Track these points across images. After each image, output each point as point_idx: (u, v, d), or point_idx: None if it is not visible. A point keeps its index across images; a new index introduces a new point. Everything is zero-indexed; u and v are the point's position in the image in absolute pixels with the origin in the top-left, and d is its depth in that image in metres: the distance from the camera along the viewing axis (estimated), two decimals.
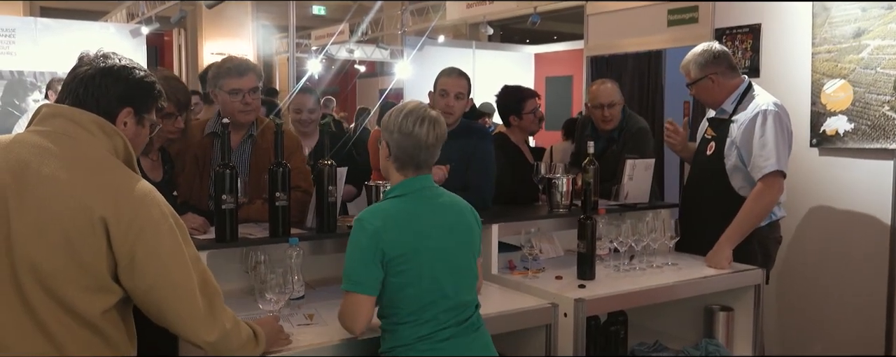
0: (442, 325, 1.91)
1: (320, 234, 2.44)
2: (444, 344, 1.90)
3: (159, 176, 2.61)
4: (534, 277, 2.68)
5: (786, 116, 2.90)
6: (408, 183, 1.97)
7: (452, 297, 1.93)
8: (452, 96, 3.06)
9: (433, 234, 1.93)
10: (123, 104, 1.64)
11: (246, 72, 2.70)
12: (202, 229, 2.42)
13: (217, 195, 2.25)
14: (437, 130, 1.97)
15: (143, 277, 1.53)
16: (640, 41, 5.13)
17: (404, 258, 1.88)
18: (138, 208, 1.52)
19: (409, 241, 1.89)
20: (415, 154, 1.95)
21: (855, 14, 3.28)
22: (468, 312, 1.98)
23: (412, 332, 1.89)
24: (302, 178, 2.68)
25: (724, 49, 3.04)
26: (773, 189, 2.89)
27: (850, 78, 3.29)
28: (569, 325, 2.36)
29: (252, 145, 2.77)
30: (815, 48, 3.43)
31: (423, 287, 1.90)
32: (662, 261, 2.92)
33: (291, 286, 2.07)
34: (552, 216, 3.04)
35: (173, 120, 2.51)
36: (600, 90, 3.60)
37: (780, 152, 2.86)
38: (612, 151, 3.59)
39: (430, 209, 1.97)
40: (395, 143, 1.96)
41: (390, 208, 1.94)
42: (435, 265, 1.91)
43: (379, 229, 1.87)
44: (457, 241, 1.99)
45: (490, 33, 10.00)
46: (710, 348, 2.78)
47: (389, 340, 1.93)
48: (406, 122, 1.94)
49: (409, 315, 1.89)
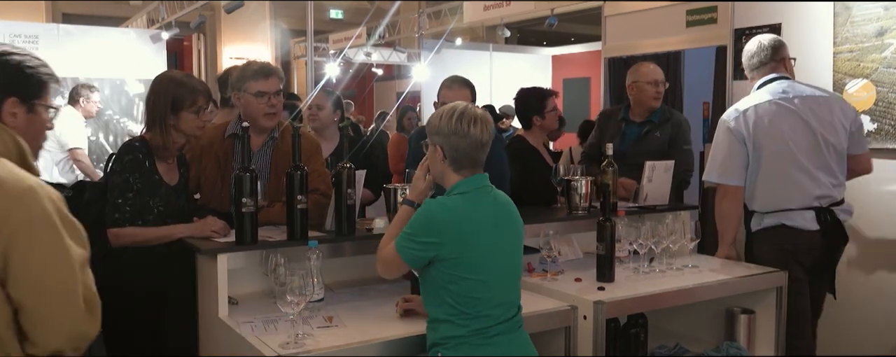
0: (492, 320, 1.96)
1: (339, 236, 2.45)
2: (494, 340, 1.96)
3: (176, 179, 2.64)
4: (553, 280, 2.67)
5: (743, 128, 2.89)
6: (469, 181, 2.03)
7: (501, 294, 2.00)
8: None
9: (488, 231, 1.99)
10: (6, 94, 1.55)
11: (270, 74, 2.74)
12: (223, 232, 2.45)
13: (237, 198, 2.27)
14: (488, 128, 2.04)
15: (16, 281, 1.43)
16: (658, 42, 5.10)
17: (459, 253, 1.93)
18: (12, 207, 1.42)
19: (465, 237, 1.95)
20: (472, 154, 2.01)
21: (877, 13, 3.24)
22: (514, 310, 2.04)
23: (467, 325, 1.94)
24: (321, 181, 2.70)
25: (746, 48, 3.03)
26: (722, 197, 2.97)
27: (872, 77, 3.25)
28: (588, 327, 2.35)
29: (273, 148, 2.79)
30: (836, 48, 3.39)
31: (477, 281, 1.95)
32: (682, 263, 2.90)
33: (311, 288, 2.07)
34: (571, 218, 3.03)
35: (203, 113, 2.56)
36: (651, 68, 3.72)
37: (720, 164, 2.93)
38: (656, 137, 3.65)
39: (486, 207, 2.03)
40: (451, 146, 2.01)
41: (455, 204, 1.99)
42: (488, 261, 1.98)
43: (441, 221, 1.94)
44: (508, 239, 2.06)
45: (507, 35, 9.96)
46: (732, 351, 2.75)
47: (443, 331, 1.97)
48: (460, 124, 1.99)
49: (464, 306, 1.94)
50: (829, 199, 2.84)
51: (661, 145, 3.64)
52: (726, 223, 3.01)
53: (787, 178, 2.86)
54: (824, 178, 2.84)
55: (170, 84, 2.56)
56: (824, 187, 2.83)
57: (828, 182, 2.84)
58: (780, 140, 2.86)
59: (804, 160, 2.84)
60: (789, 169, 2.86)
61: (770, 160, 2.88)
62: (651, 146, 3.62)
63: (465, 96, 3.11)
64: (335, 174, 2.42)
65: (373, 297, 2.49)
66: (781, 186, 2.87)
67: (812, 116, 2.85)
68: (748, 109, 2.92)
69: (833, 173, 2.86)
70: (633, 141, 3.68)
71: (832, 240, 2.83)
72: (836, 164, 2.86)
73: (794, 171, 2.85)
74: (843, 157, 2.88)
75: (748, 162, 2.91)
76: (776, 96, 2.90)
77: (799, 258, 2.84)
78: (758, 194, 2.93)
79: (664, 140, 3.65)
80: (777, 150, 2.87)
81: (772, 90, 2.92)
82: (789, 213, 2.86)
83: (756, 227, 2.97)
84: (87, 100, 5.83)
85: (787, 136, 2.86)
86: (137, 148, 2.54)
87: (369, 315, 2.25)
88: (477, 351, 1.95)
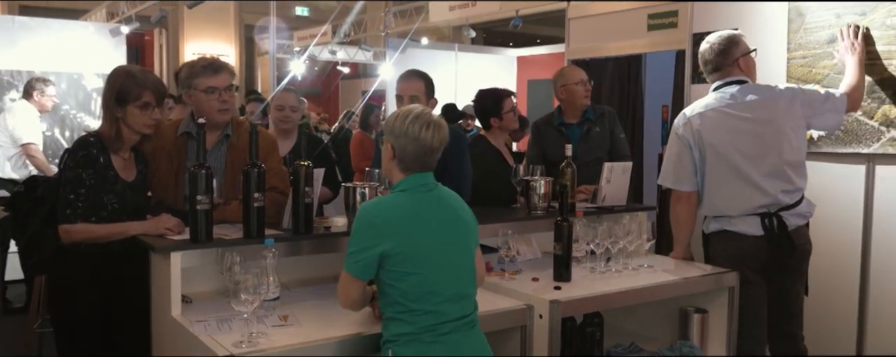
0: (444, 317, 1.98)
1: (296, 235, 2.43)
2: (447, 338, 1.98)
3: (133, 175, 2.60)
4: (510, 279, 2.69)
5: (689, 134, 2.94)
6: (411, 179, 2.06)
7: (452, 286, 2.02)
8: (407, 99, 3.08)
9: (432, 227, 2.01)
10: None
11: (220, 70, 2.69)
12: (177, 230, 2.41)
13: (191, 196, 2.25)
14: (440, 134, 2.07)
15: None
16: (620, 45, 5.17)
17: (403, 249, 1.96)
18: None
19: (408, 234, 1.97)
20: (420, 157, 2.05)
21: (829, 20, 3.32)
22: (469, 309, 2.07)
23: (417, 322, 1.96)
24: (278, 179, 2.68)
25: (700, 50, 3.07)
26: (676, 202, 3.03)
27: (823, 83, 3.33)
28: (544, 326, 2.37)
29: (228, 146, 2.76)
30: (790, 54, 3.47)
31: (424, 276, 1.97)
32: (638, 263, 2.94)
33: (266, 287, 2.06)
34: (530, 218, 3.05)
35: (151, 111, 2.51)
36: (575, 69, 3.90)
37: (672, 169, 2.99)
38: (598, 133, 3.77)
39: (428, 203, 2.05)
40: (401, 147, 2.04)
41: (392, 202, 2.02)
42: (435, 256, 2.00)
43: (377, 221, 1.97)
44: (454, 235, 2.07)
45: (472, 36, 10.00)
46: (685, 350, 2.81)
47: (394, 328, 1.98)
48: (413, 127, 2.03)
49: (413, 303, 1.96)
50: (777, 206, 2.84)
51: (604, 139, 3.76)
52: (679, 226, 3.06)
53: (729, 186, 2.87)
54: (771, 186, 2.82)
55: (119, 76, 2.53)
56: (770, 195, 2.83)
57: (776, 189, 2.82)
58: (721, 148, 2.87)
59: (747, 168, 2.84)
60: (730, 177, 2.87)
61: (712, 168, 2.90)
62: (596, 142, 3.74)
63: (419, 88, 3.13)
64: (293, 172, 2.41)
65: (330, 296, 2.47)
66: (723, 194, 2.89)
67: (759, 123, 2.84)
68: (694, 116, 2.95)
69: (785, 178, 2.83)
70: (579, 142, 3.73)
71: (777, 244, 2.85)
72: (787, 169, 2.84)
73: (735, 179, 2.86)
74: (794, 160, 2.86)
75: (696, 167, 2.96)
76: (722, 103, 2.90)
77: (746, 262, 2.87)
78: (705, 200, 2.97)
79: (605, 134, 3.77)
80: (719, 157, 2.88)
81: (720, 96, 2.93)
82: (732, 219, 2.89)
83: (707, 231, 3.03)
84: (42, 94, 5.69)
85: (729, 144, 2.86)
86: (92, 143, 2.50)
87: (326, 313, 2.24)
88: (428, 348, 1.96)
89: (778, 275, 2.89)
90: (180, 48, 11.72)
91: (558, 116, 3.86)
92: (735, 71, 2.96)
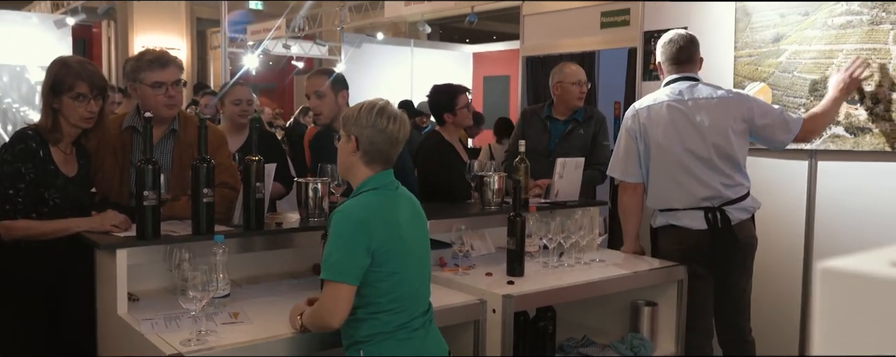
0: (413, 314, 1.99)
1: (247, 231, 2.40)
2: (415, 334, 1.99)
3: (74, 171, 2.52)
4: (464, 274, 2.69)
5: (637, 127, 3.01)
6: (379, 177, 2.03)
7: (420, 288, 2.05)
8: (314, 96, 3.12)
9: (404, 226, 2.00)
10: None
11: (167, 64, 2.63)
12: (124, 226, 2.36)
13: (138, 191, 2.19)
14: (404, 128, 2.05)
15: None
16: (574, 42, 5.21)
17: (388, 248, 1.93)
18: None
19: (391, 232, 1.95)
20: (385, 149, 2.01)
21: (774, 20, 3.40)
22: (427, 305, 2.09)
23: (391, 320, 1.95)
24: (228, 175, 2.63)
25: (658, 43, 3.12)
26: (622, 193, 3.11)
27: (769, 81, 3.42)
28: (497, 320, 2.39)
29: (175, 140, 2.70)
30: (737, 52, 3.55)
31: (402, 277, 1.97)
32: (590, 257, 2.98)
33: (215, 284, 2.02)
34: (484, 213, 3.06)
35: (87, 103, 2.43)
36: (575, 68, 3.86)
37: (620, 161, 3.06)
38: (580, 134, 3.80)
39: (397, 202, 2.04)
40: (367, 139, 2.00)
41: (370, 201, 1.98)
42: (408, 256, 1.99)
43: (365, 219, 1.92)
44: (421, 233, 2.10)
45: (428, 32, 9.99)
46: (635, 342, 2.85)
47: (367, 328, 1.95)
48: (380, 119, 2.00)
49: (389, 303, 1.95)
50: (720, 199, 2.90)
51: (585, 142, 3.78)
52: (627, 218, 3.12)
53: (673, 179, 2.93)
54: (713, 180, 2.88)
55: (55, 66, 2.46)
56: (712, 188, 2.88)
57: (717, 183, 2.89)
58: (667, 141, 2.93)
59: (690, 162, 2.90)
60: (674, 170, 2.93)
61: (658, 160, 2.96)
62: (576, 143, 3.76)
63: (323, 83, 3.15)
64: (244, 167, 2.37)
65: (281, 293, 2.45)
66: (668, 186, 2.95)
67: (703, 119, 2.90)
68: (642, 109, 3.01)
69: (723, 174, 2.89)
70: (559, 138, 3.79)
71: (720, 238, 2.91)
72: (727, 166, 2.89)
73: (679, 172, 2.92)
74: (736, 157, 2.92)
75: (641, 159, 3.02)
76: (671, 98, 2.96)
77: (692, 255, 2.93)
78: (650, 193, 3.03)
79: (588, 137, 3.80)
80: (664, 150, 2.94)
81: (670, 91, 2.99)
82: (677, 213, 2.94)
83: (654, 225, 3.08)
84: None
85: (674, 137, 2.92)
86: (30, 136, 2.42)
87: (277, 311, 2.22)
88: (400, 346, 1.95)
89: (723, 268, 2.96)
90: (129, 41, 11.41)
91: (547, 109, 3.90)
92: (687, 67, 3.02)
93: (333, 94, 3.14)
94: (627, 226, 3.13)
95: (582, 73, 3.86)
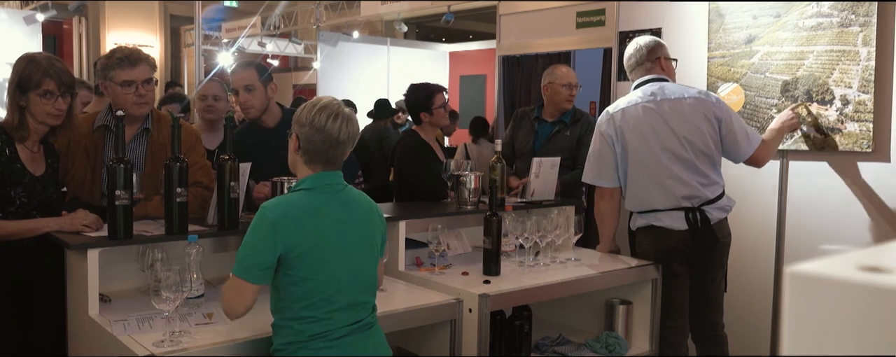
0: (336, 323, 1.89)
1: (221, 231, 2.38)
2: (338, 342, 1.88)
3: (41, 169, 2.48)
4: (440, 273, 2.70)
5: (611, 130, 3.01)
6: (316, 177, 1.95)
7: (348, 294, 1.92)
8: (243, 90, 3.01)
9: (334, 230, 1.91)
10: None
11: (138, 62, 2.59)
12: (95, 226, 2.32)
13: (110, 191, 2.16)
14: (349, 128, 1.95)
15: None
16: (550, 42, 5.24)
17: (301, 252, 1.85)
18: None
19: (308, 235, 1.86)
20: (325, 150, 1.93)
21: (747, 21, 3.45)
22: (364, 313, 1.97)
23: (306, 329, 1.86)
24: (202, 174, 2.61)
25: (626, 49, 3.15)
26: (599, 198, 3.12)
27: (741, 81, 3.47)
28: (473, 320, 2.39)
29: (147, 139, 2.67)
30: (710, 53, 3.59)
31: (319, 283, 1.87)
32: (566, 256, 3.00)
33: (189, 284, 2.01)
34: (460, 213, 3.06)
35: (54, 100, 2.39)
36: (566, 71, 3.88)
37: (594, 166, 3.07)
38: (566, 136, 3.81)
39: (334, 205, 1.94)
40: (306, 137, 1.93)
41: (294, 200, 1.91)
42: (333, 262, 1.89)
43: (279, 220, 1.84)
44: (358, 240, 1.97)
45: (405, 30, 9.97)
46: (610, 340, 2.88)
47: (283, 336, 1.89)
48: (319, 117, 1.92)
49: (303, 310, 1.86)
50: (699, 199, 2.93)
51: (570, 144, 3.77)
52: (604, 222, 3.14)
53: (652, 180, 2.95)
54: (690, 179, 2.91)
55: (22, 62, 2.41)
56: (691, 187, 2.91)
57: (695, 182, 2.91)
58: (644, 142, 2.95)
59: (667, 162, 2.92)
60: (654, 170, 2.94)
61: (636, 162, 2.97)
62: (561, 144, 3.76)
63: (250, 76, 3.01)
64: (218, 166, 2.35)
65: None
66: (648, 188, 2.97)
67: (676, 118, 2.92)
68: (617, 112, 3.02)
69: (701, 173, 2.92)
70: (544, 139, 3.80)
71: (700, 238, 2.94)
72: (704, 165, 2.92)
73: (658, 172, 2.93)
74: (711, 156, 2.95)
75: (617, 164, 3.03)
76: (644, 99, 2.98)
77: (671, 256, 2.96)
78: (628, 195, 3.04)
79: (573, 139, 3.79)
80: (641, 152, 2.96)
81: (642, 92, 3.01)
82: (658, 214, 2.96)
83: (634, 227, 3.10)
84: None
85: (651, 138, 2.94)
86: None
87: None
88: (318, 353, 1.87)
89: (701, 267, 2.99)
90: (101, 38, 11.24)
91: (537, 110, 3.92)
92: (656, 69, 3.05)
93: (263, 87, 3.04)
94: (605, 228, 3.15)
95: (573, 75, 3.88)
